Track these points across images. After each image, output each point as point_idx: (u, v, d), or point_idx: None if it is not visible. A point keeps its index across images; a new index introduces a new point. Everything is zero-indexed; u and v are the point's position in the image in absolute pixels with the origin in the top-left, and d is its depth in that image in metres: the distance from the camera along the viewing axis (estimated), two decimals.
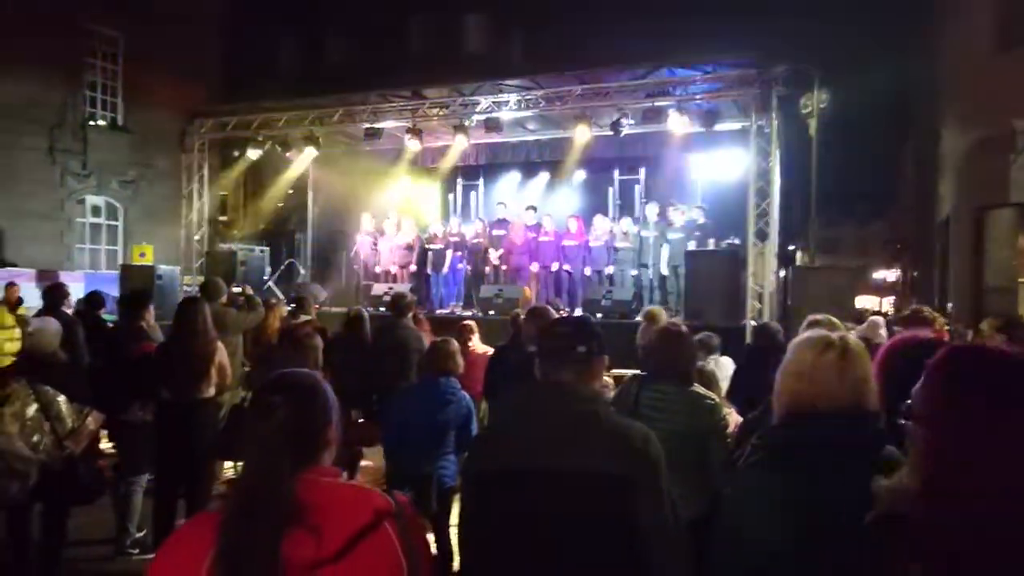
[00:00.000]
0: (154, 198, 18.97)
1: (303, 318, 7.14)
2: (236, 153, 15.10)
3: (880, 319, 6.75)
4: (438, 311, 12.45)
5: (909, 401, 1.42)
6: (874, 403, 1.71)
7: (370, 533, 1.45)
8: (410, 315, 6.73)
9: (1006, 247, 13.83)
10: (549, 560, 1.93)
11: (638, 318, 11.02)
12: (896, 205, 31.62)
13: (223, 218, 22.09)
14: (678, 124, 11.13)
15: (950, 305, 13.86)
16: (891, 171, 30.76)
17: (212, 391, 5.02)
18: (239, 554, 1.37)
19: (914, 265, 24.21)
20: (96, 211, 18.80)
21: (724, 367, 5.90)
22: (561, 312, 10.85)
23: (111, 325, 6.95)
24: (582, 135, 11.79)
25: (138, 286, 10.26)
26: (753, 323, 9.52)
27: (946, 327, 5.85)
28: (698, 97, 11.08)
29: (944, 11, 15.65)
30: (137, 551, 5.07)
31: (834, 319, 3.22)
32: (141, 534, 5.20)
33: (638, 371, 3.54)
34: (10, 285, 10.38)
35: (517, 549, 1.97)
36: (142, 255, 15.61)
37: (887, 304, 36.15)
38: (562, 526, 1.92)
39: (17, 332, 7.76)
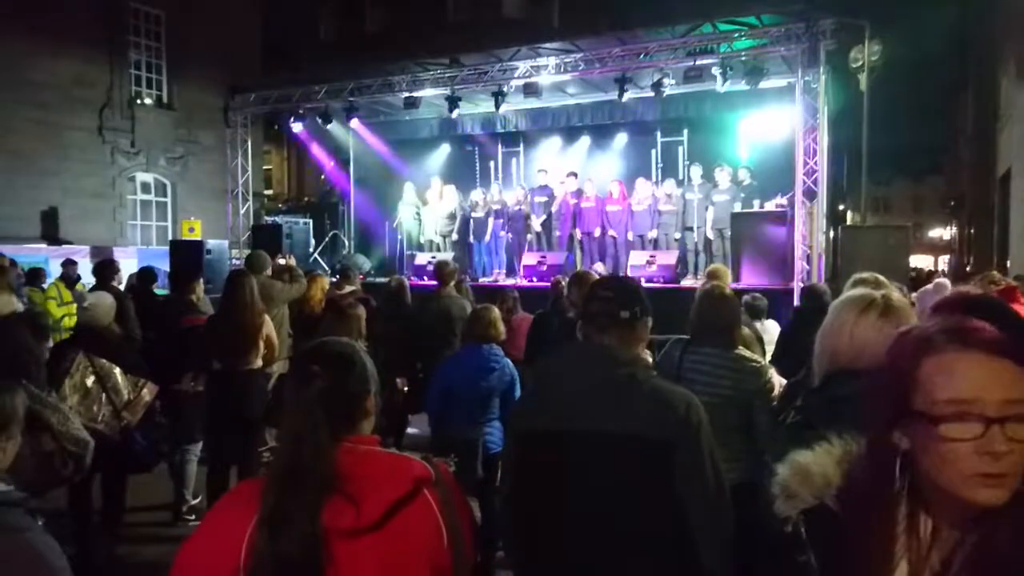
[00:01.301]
0: (201, 173, 19.31)
1: (347, 288, 7.22)
2: (278, 126, 15.25)
3: (947, 280, 6.37)
4: (481, 279, 12.48)
5: None
6: None
7: (410, 501, 1.45)
8: (453, 284, 6.76)
9: None
10: (590, 522, 1.93)
11: (690, 282, 10.92)
12: (953, 160, 30.51)
13: (268, 191, 22.43)
14: (721, 82, 10.84)
15: (1009, 263, 13.40)
16: (948, 124, 29.62)
17: (260, 362, 5.13)
18: (280, 521, 1.39)
19: (971, 222, 23.40)
20: (146, 188, 19.20)
21: (769, 330, 5.80)
22: None
23: (162, 299, 7.13)
24: (622, 96, 11.58)
25: (187, 261, 10.50)
26: (801, 285, 9.34)
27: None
28: (742, 54, 10.75)
29: None
30: (193, 517, 5.24)
31: (880, 277, 3.11)
32: (196, 500, 5.38)
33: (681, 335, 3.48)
34: (68, 262, 10.69)
35: (558, 510, 1.97)
36: (191, 230, 15.95)
37: (942, 263, 35.15)
38: (603, 489, 1.91)
39: (75, 307, 8.05)
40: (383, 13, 24.06)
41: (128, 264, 11.51)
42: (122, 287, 7.80)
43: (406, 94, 13.13)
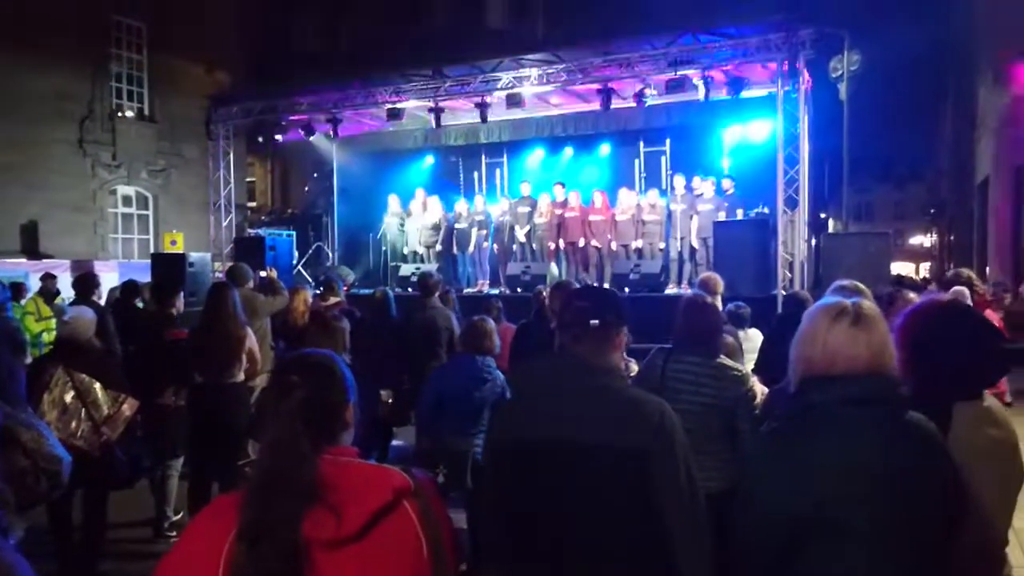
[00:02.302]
0: (183, 186, 19.22)
1: (332, 300, 7.19)
2: (261, 139, 15.21)
3: (965, 290, 5.97)
4: (466, 290, 12.47)
5: None
6: (891, 366, 1.68)
7: (390, 512, 1.45)
8: (437, 295, 6.75)
9: None
10: (565, 531, 1.93)
11: (674, 290, 10.95)
12: (934, 167, 30.87)
13: (251, 204, 22.33)
14: (703, 92, 10.92)
15: (988, 268, 13.55)
16: (928, 132, 29.99)
17: (243, 375, 5.09)
18: (259, 532, 1.38)
19: (951, 228, 23.67)
20: (127, 201, 19.09)
21: (752, 339, 5.82)
22: None
23: (144, 313, 7.07)
24: (605, 107, 11.66)
25: (169, 274, 10.42)
26: (784, 293, 9.40)
27: (986, 288, 5.65)
28: (723, 64, 10.86)
29: None
30: (175, 533, 5.18)
31: (860, 285, 3.16)
32: (178, 516, 5.32)
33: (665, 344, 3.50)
34: (47, 276, 10.57)
35: (534, 519, 1.97)
36: (173, 243, 15.86)
37: (924, 270, 35.52)
38: (578, 498, 1.91)
39: (54, 322, 7.96)
40: (367, 23, 24.07)
41: (109, 278, 11.41)
42: (102, 301, 7.74)
43: (389, 105, 13.15)
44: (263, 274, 8.64)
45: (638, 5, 16.70)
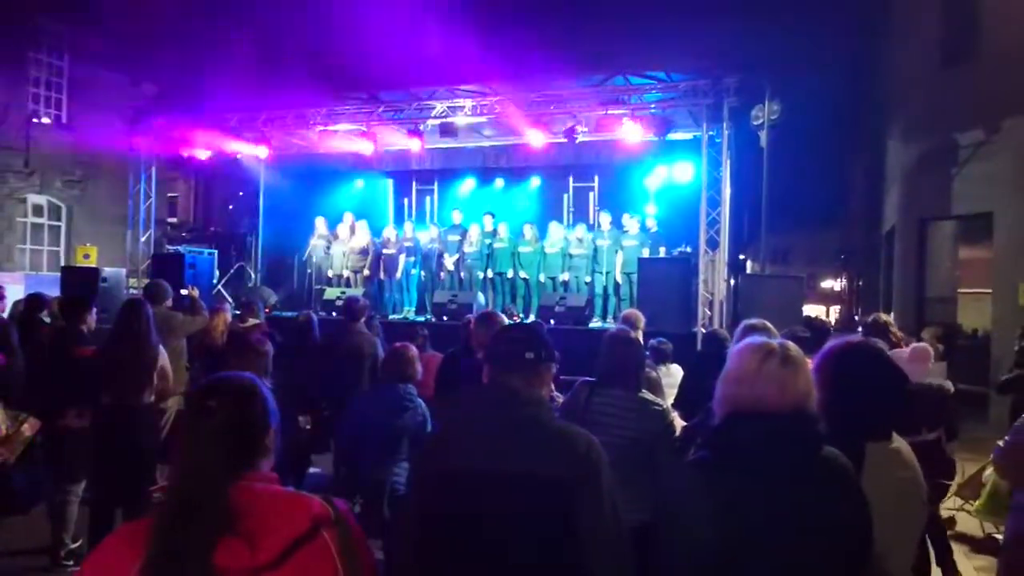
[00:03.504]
0: (100, 199, 18.48)
1: (251, 321, 7.02)
2: (186, 154, 14.79)
3: (929, 349, 5.37)
4: (391, 316, 12.36)
5: None
6: (812, 406, 1.76)
7: (307, 541, 1.42)
8: (363, 320, 6.67)
9: (947, 258, 14.28)
10: (490, 562, 1.92)
11: (598, 324, 11.13)
12: (845, 216, 32.35)
13: (172, 220, 21.65)
14: (631, 132, 11.24)
15: (892, 314, 14.22)
16: (841, 182, 31.46)
17: (153, 396, 4.89)
18: (169, 562, 1.33)
19: (860, 275, 24.84)
20: (38, 211, 18.25)
21: (674, 374, 5.96)
22: (515, 319, 10.87)
23: (50, 328, 6.73)
24: (536, 141, 11.85)
25: (80, 289, 9.99)
26: (704, 330, 9.65)
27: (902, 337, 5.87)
28: (651, 106, 11.20)
29: (891, 26, 16.12)
30: (72, 563, 4.89)
31: (768, 324, 3.30)
32: (76, 545, 5.02)
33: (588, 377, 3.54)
34: None
35: (463, 550, 1.96)
36: (86, 257, 15.21)
37: (834, 312, 37.06)
38: (503, 527, 1.92)
39: None
40: (301, 45, 23.84)
41: (15, 290, 10.84)
42: (6, 314, 7.34)
43: (321, 127, 13.02)
44: (184, 292, 8.36)
45: (572, 44, 17.10)
